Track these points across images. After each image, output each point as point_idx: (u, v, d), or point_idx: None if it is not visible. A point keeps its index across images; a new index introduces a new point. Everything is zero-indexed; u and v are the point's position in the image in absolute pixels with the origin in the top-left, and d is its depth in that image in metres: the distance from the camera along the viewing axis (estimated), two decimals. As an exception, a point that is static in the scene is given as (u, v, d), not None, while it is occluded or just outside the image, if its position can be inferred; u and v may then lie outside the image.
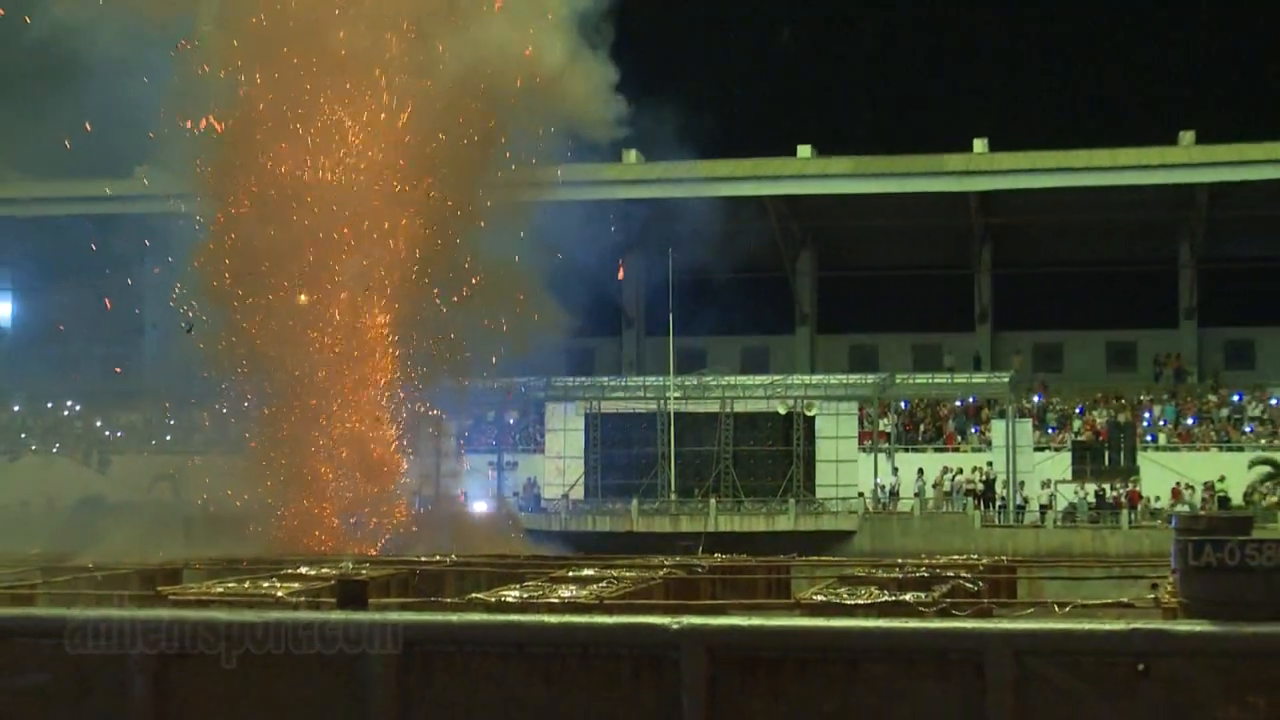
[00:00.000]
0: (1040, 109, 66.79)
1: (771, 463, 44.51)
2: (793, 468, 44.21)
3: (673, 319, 46.15)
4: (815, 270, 59.68)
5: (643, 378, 49.66)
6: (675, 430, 44.50)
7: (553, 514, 44.25)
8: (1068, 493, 45.03)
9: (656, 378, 47.57)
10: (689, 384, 46.33)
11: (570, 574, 17.02)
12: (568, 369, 47.57)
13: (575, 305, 32.81)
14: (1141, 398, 52.32)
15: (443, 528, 28.72)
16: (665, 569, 18.20)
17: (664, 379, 46.33)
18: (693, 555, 22.31)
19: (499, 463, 46.96)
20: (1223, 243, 55.12)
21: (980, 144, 53.85)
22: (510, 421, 49.97)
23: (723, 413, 44.81)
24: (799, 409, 44.65)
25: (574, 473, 45.24)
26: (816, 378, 48.35)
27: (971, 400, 51.08)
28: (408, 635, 7.99)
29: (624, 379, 50.01)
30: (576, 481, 45.18)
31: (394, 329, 28.84)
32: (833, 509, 43.63)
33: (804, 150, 55.30)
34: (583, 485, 45.07)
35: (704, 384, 46.55)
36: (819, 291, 59.93)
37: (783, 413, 44.82)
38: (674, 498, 43.95)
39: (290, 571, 17.58)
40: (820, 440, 44.65)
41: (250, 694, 8.11)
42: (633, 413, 45.67)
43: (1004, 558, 22.27)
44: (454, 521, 30.49)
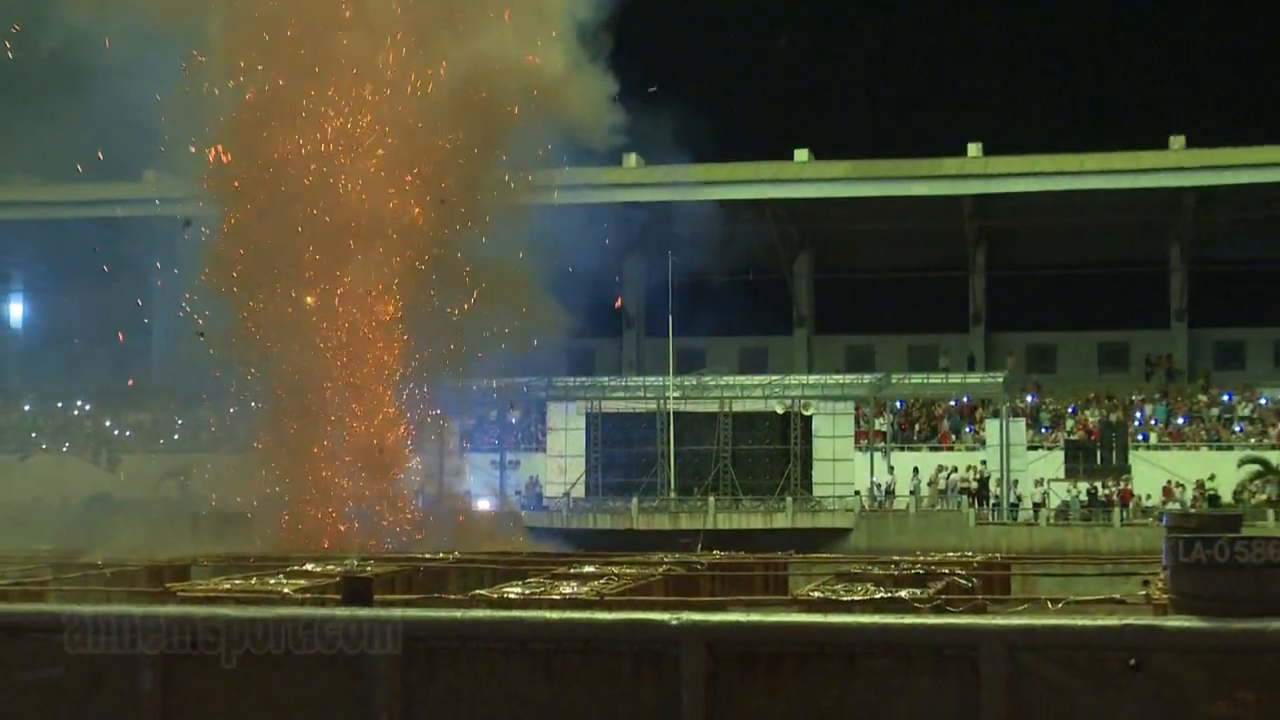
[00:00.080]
0: (1034, 114, 66.82)
1: (769, 461, 44.54)
2: (790, 466, 44.23)
3: (672, 320, 46.29)
4: (812, 272, 59.71)
5: (643, 378, 49.68)
6: (675, 429, 44.52)
7: (554, 512, 44.27)
8: (1060, 491, 45.12)
9: (656, 378, 47.62)
10: (688, 384, 46.38)
11: (571, 571, 17.17)
12: (569, 369, 47.62)
13: (576, 306, 32.91)
14: (1133, 398, 52.41)
15: (446, 525, 28.88)
16: (665, 566, 18.36)
17: (664, 379, 46.41)
18: (692, 552, 22.50)
19: (501, 461, 47.05)
20: (1213, 245, 55.30)
21: (974, 148, 53.83)
22: (513, 421, 50.09)
23: (721, 412, 44.85)
24: (796, 409, 44.70)
25: (575, 471, 45.24)
26: (814, 378, 48.40)
27: (966, 400, 51.13)
28: (412, 631, 8.01)
29: (624, 379, 50.01)
30: (578, 480, 45.18)
31: (401, 324, 28.98)
32: (829, 507, 43.65)
33: (801, 154, 55.28)
34: (584, 483, 45.07)
35: (703, 384, 46.60)
36: (816, 293, 59.96)
37: (780, 412, 44.87)
38: (673, 496, 43.96)
39: (296, 568, 17.71)
40: (817, 439, 44.70)
41: (256, 689, 8.12)
42: (633, 412, 45.68)
43: (998, 555, 22.21)
44: (456, 519, 30.60)
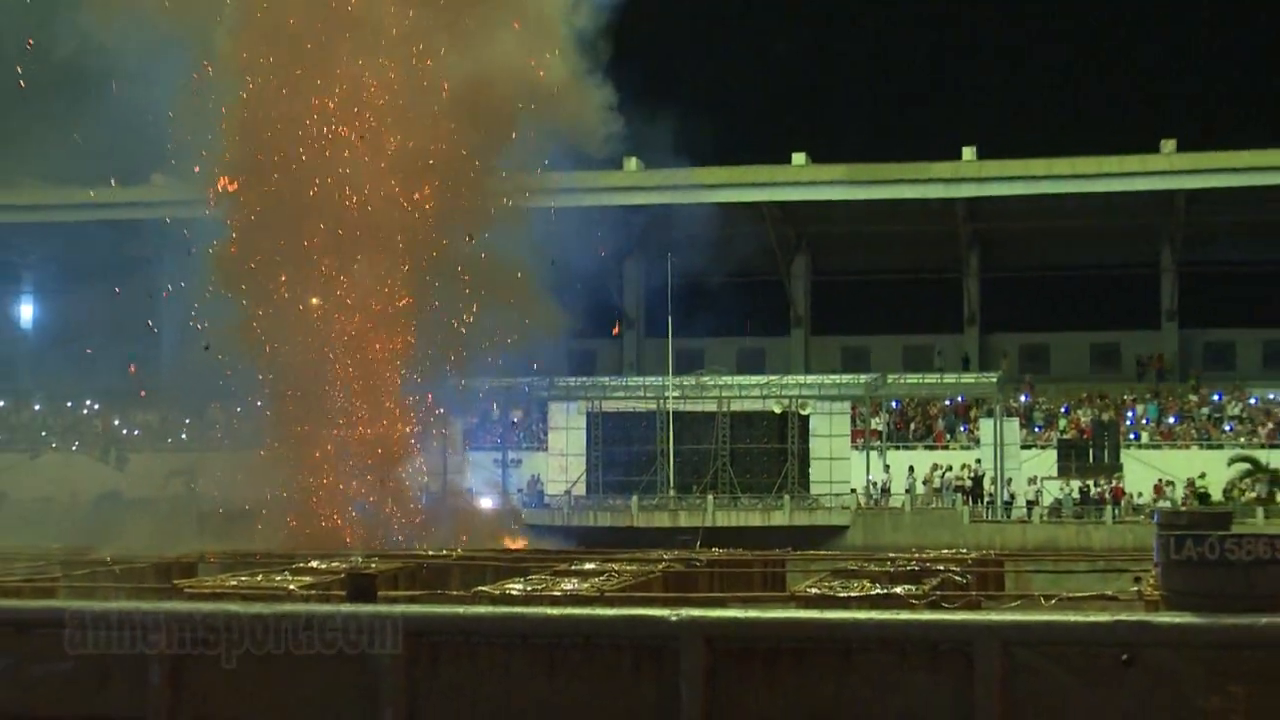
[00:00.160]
0: (1027, 118, 67.04)
1: (767, 460, 44.61)
2: (787, 465, 44.30)
3: (671, 321, 46.51)
4: (809, 274, 59.77)
5: (642, 378, 49.84)
6: (674, 429, 44.64)
7: (555, 510, 44.36)
8: (1053, 489, 45.25)
9: (656, 378, 47.83)
10: (687, 384, 46.56)
11: (572, 568, 17.27)
12: (570, 369, 47.85)
13: (577, 308, 33.01)
14: (1125, 397, 52.51)
15: (448, 522, 28.99)
16: (664, 563, 18.48)
17: (663, 379, 46.62)
18: (691, 549, 22.59)
19: (504, 460, 47.16)
20: (1203, 247, 55.42)
21: (969, 151, 53.77)
22: (514, 420, 50.21)
23: (720, 412, 44.95)
24: (794, 408, 44.82)
25: (576, 470, 45.38)
26: (811, 378, 48.58)
27: (960, 399, 51.24)
28: (416, 627, 8.18)
29: (624, 379, 50.17)
30: (578, 478, 45.28)
31: (404, 326, 29.08)
32: (826, 505, 43.77)
33: (799, 158, 55.23)
34: (584, 482, 45.16)
35: (702, 384, 46.73)
36: (813, 294, 60.03)
37: (778, 412, 44.98)
38: (673, 494, 44.07)
39: (302, 565, 17.82)
40: (814, 438, 44.83)
41: (263, 684, 8.30)
42: (633, 412, 45.77)
43: (992, 552, 22.22)
44: (459, 516, 30.71)
